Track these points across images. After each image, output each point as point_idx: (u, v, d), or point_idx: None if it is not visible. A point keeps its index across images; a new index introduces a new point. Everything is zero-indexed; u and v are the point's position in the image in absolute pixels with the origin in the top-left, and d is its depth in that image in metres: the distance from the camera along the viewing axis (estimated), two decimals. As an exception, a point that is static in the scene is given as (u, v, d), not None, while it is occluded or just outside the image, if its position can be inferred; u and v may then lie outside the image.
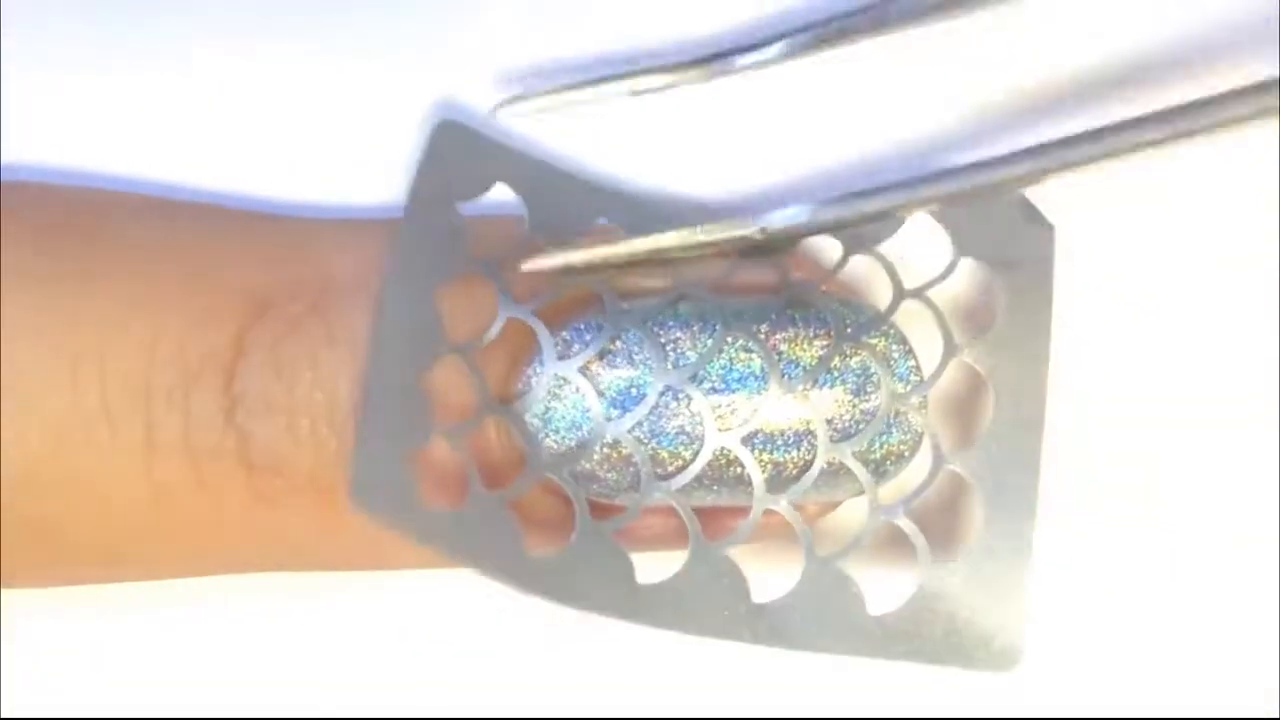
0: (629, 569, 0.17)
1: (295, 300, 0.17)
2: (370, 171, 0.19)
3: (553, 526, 0.17)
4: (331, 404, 0.17)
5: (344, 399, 0.17)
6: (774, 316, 0.17)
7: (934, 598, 0.17)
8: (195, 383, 0.17)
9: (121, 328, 0.17)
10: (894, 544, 0.17)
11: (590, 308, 0.17)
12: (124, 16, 0.19)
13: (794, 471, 0.17)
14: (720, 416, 0.17)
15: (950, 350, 0.17)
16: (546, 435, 0.17)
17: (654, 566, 0.17)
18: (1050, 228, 0.18)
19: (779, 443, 0.17)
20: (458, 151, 0.18)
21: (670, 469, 0.17)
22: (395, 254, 0.17)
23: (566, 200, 0.18)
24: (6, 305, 0.17)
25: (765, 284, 0.18)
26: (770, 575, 0.17)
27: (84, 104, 0.19)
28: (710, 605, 0.17)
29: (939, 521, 0.18)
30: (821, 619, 0.17)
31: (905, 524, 0.17)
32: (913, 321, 0.18)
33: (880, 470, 0.17)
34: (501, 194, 0.18)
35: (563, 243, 0.17)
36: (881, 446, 0.17)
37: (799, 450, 0.17)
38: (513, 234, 0.18)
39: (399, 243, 0.17)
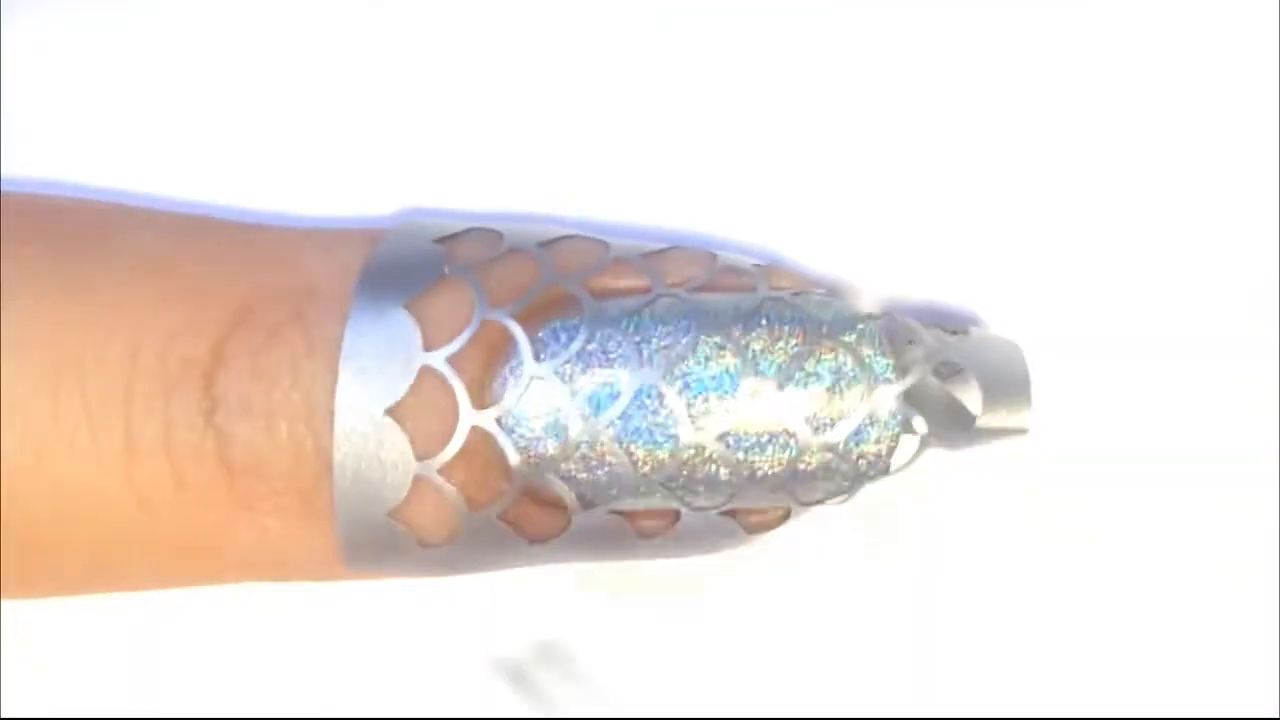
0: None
1: (276, 309, 0.17)
2: (353, 181, 0.19)
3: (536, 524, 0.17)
4: (310, 406, 0.17)
5: (321, 402, 0.17)
6: (748, 316, 0.17)
7: None
8: (175, 389, 0.17)
9: (103, 338, 0.17)
10: None
11: (567, 309, 0.17)
12: (110, 28, 0.19)
13: (768, 471, 0.17)
14: (694, 416, 0.17)
15: (931, 345, 0.17)
16: (523, 437, 0.17)
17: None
18: None
19: (753, 442, 0.17)
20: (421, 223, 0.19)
21: (645, 468, 0.17)
22: (361, 289, 0.17)
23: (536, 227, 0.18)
24: None
25: (744, 288, 0.18)
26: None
27: (67, 115, 0.19)
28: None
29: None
30: None
31: None
32: None
33: (857, 470, 0.17)
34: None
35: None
36: (858, 446, 0.17)
37: (773, 450, 0.17)
38: (488, 241, 0.18)
39: (364, 280, 0.17)
